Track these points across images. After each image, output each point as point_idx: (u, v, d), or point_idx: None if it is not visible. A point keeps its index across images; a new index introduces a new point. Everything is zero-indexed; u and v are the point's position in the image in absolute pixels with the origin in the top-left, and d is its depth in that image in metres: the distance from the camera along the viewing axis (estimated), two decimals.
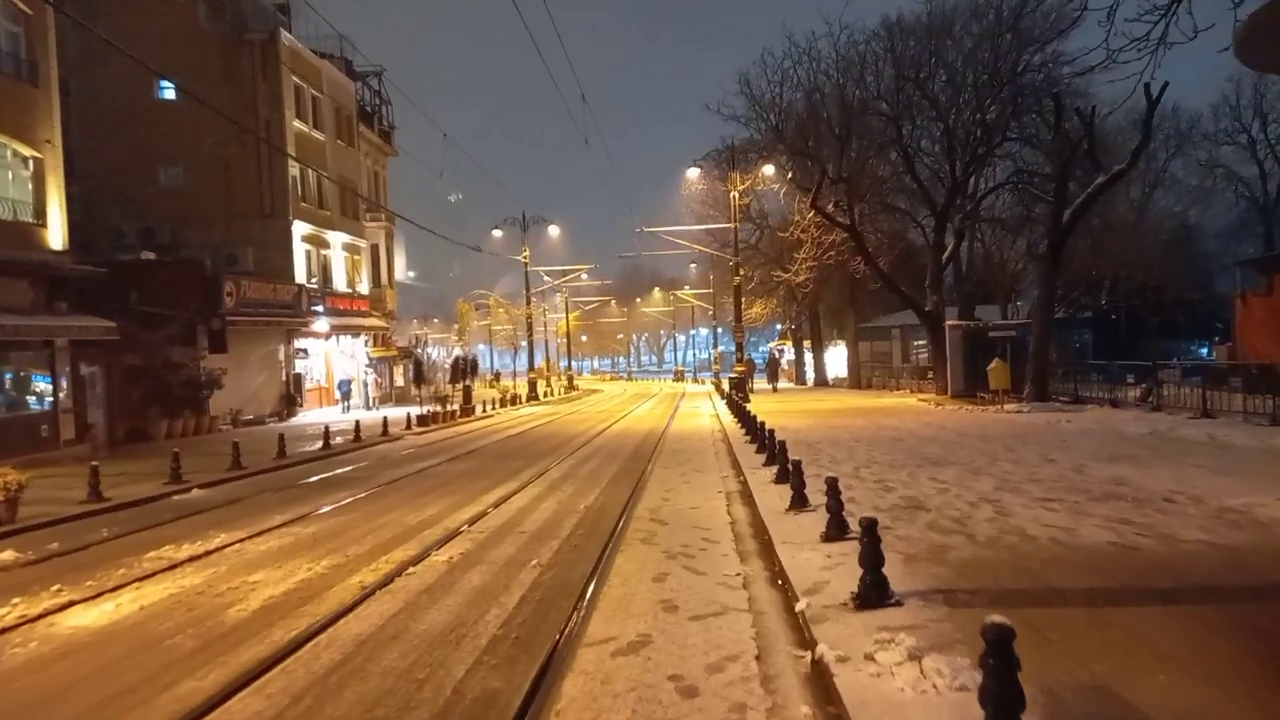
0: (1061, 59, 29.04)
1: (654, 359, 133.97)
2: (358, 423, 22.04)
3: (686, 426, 23.63)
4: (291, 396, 33.96)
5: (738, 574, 6.93)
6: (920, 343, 48.99)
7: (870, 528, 5.63)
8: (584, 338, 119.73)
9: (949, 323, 28.79)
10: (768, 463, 12.97)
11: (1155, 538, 7.14)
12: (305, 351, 35.25)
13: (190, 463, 15.58)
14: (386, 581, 6.99)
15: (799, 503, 9.17)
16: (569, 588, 6.68)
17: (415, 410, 28.07)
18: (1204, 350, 51.31)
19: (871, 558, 5.60)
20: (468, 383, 32.83)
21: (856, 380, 44.48)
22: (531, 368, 45.60)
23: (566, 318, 71.49)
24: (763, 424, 15.47)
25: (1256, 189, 47.07)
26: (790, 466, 9.76)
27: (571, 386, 65.22)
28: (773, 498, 10.00)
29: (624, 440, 20.01)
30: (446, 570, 7.38)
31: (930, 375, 35.20)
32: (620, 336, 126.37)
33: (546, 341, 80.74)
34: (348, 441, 20.95)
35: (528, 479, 13.30)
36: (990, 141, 29.36)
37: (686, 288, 74.59)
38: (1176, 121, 45.47)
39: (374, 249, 44.10)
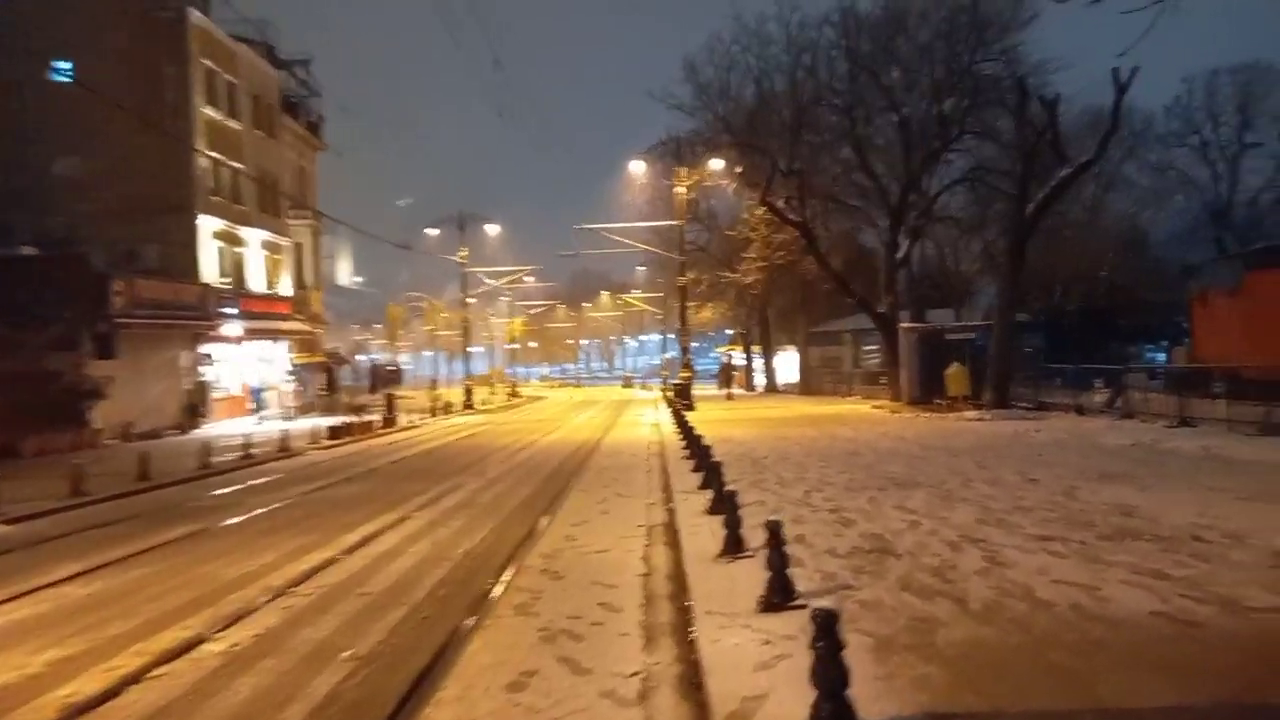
0: (1021, 49, 27.80)
1: (605, 365, 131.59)
2: (246, 439, 19.46)
3: (623, 438, 21.51)
4: (195, 407, 30.99)
5: (635, 673, 4.78)
6: (872, 348, 47.51)
7: (826, 623, 3.54)
8: (533, 344, 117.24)
9: (903, 326, 27.17)
10: (703, 485, 10.90)
11: (1214, 604, 5.19)
12: (211, 357, 32.32)
13: (36, 486, 13.07)
14: (109, 694, 4.71)
15: (733, 546, 7.09)
16: (375, 707, 4.48)
17: (337, 421, 25.48)
18: (1159, 355, 50.91)
19: (828, 673, 3.51)
20: (391, 391, 30.25)
21: (807, 386, 42.82)
22: (468, 375, 43.05)
23: (510, 322, 68.92)
24: (698, 438, 13.39)
25: (1209, 192, 46.64)
26: (725, 497, 7.67)
27: (514, 394, 62.68)
28: (703, 535, 7.92)
29: (550, 455, 17.81)
30: (217, 667, 5.12)
31: (883, 381, 33.62)
32: (570, 342, 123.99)
33: (493, 347, 78.13)
34: (238, 459, 18.42)
35: (416, 507, 11.04)
36: (947, 135, 27.84)
37: (635, 291, 72.61)
38: (1130, 122, 44.78)
39: (298, 248, 41.20)
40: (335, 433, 24.02)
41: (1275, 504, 8.41)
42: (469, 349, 43.63)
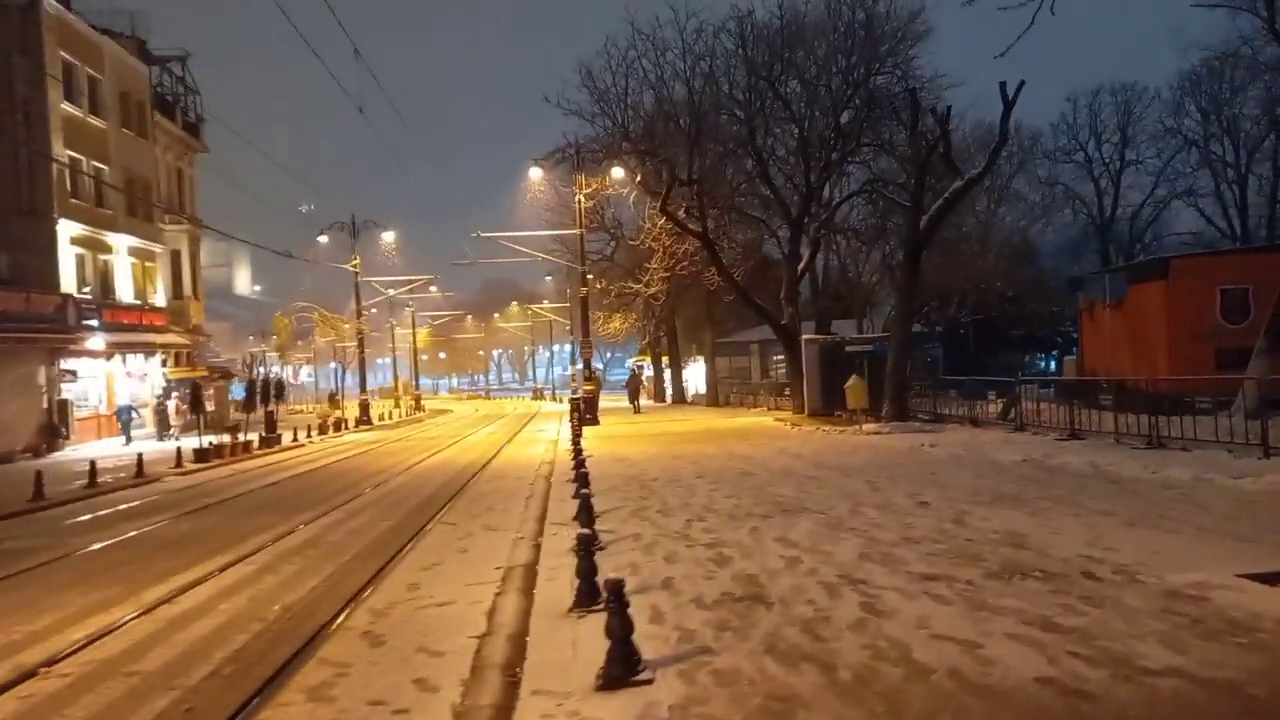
0: (916, 64, 28.08)
1: (516, 376, 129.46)
2: (92, 464, 17.61)
3: (516, 457, 20.46)
4: (54, 427, 28.43)
5: None
6: (780, 358, 47.76)
7: None
8: (442, 355, 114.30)
9: (805, 337, 26.94)
10: (578, 516, 10.01)
11: (1106, 664, 4.57)
12: (75, 374, 29.74)
13: None
14: None
15: (587, 598, 6.20)
16: None
17: (212, 440, 23.52)
18: (1050, 364, 52.61)
19: None
20: (271, 407, 28.37)
21: (715, 397, 42.49)
22: (364, 389, 41.13)
23: (413, 333, 66.76)
24: (580, 462, 12.49)
25: (1094, 206, 48.55)
26: (581, 540, 6.78)
27: (418, 407, 60.60)
28: (562, 580, 7.02)
29: (430, 478, 16.63)
30: None
31: (788, 392, 33.48)
32: (481, 353, 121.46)
33: (395, 359, 75.59)
34: (81, 488, 16.60)
35: (253, 548, 9.79)
36: (845, 147, 27.85)
37: (545, 302, 71.40)
38: (1019, 138, 46.27)
39: (174, 255, 38.61)
40: (202, 455, 22.18)
41: (1162, 530, 8.04)
42: (363, 361, 41.68)
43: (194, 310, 39.71)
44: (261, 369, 69.63)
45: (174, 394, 32.63)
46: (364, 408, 40.33)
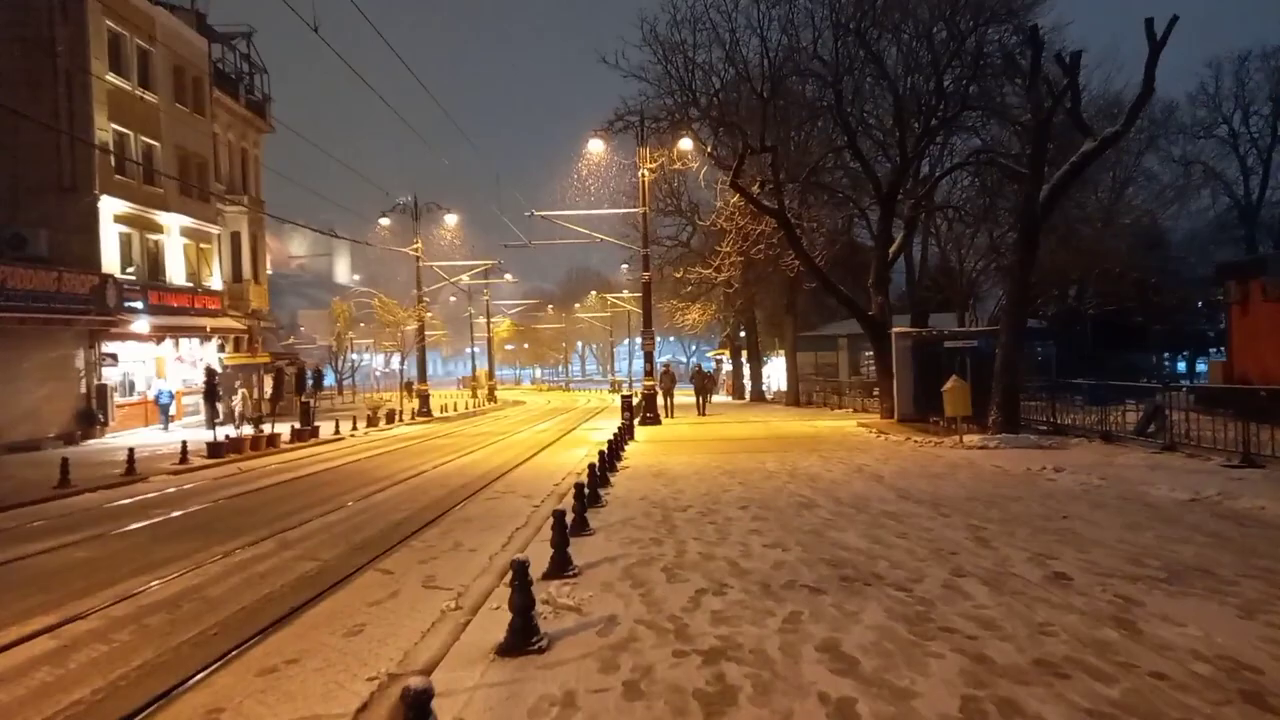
0: (1031, 13, 23.94)
1: (599, 368, 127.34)
2: (64, 461, 15.60)
3: (547, 464, 17.66)
4: (92, 414, 27.26)
5: None
6: (870, 354, 43.64)
7: None
8: (526, 345, 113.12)
9: (895, 330, 23.28)
10: (550, 571, 7.07)
11: None
12: (115, 358, 28.53)
13: None
14: None
15: None
16: None
17: (229, 434, 21.62)
18: (1180, 366, 46.75)
19: None
20: (306, 399, 26.42)
21: (796, 396, 38.88)
22: (422, 378, 39.21)
23: (487, 321, 65.12)
24: (597, 480, 9.47)
25: (1238, 188, 42.56)
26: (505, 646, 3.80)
27: (491, 398, 58.87)
28: (474, 710, 4.05)
29: (427, 490, 13.94)
30: None
31: (876, 393, 29.77)
32: (564, 344, 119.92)
33: (474, 349, 74.34)
34: (54, 488, 14.64)
35: (102, 604, 7.21)
36: (947, 111, 23.90)
37: (624, 292, 68.72)
38: (1149, 111, 40.78)
39: (234, 237, 37.47)
40: (215, 450, 20.21)
41: None
42: (423, 350, 39.73)
43: (254, 294, 38.52)
44: (347, 357, 69.35)
45: (237, 381, 31.22)
46: (423, 399, 38.41)
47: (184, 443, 19.41)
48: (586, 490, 10.63)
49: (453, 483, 14.57)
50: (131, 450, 17.30)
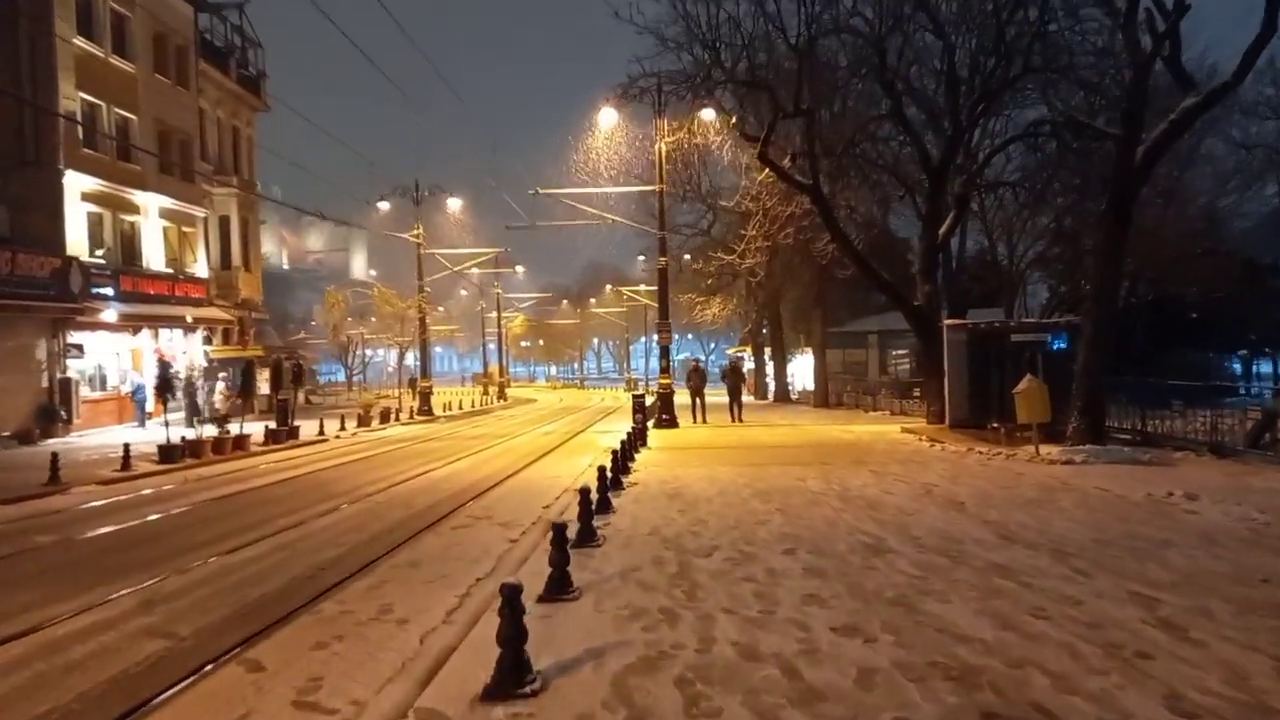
0: None
1: (616, 366, 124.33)
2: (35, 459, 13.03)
3: (543, 475, 14.92)
4: (53, 410, 24.78)
5: None
6: (902, 353, 40.59)
7: None
8: (540, 342, 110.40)
9: (948, 322, 20.32)
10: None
11: None
12: (81, 349, 26.04)
13: None
14: None
15: None
16: None
17: (185, 436, 19.05)
18: (1237, 368, 43.35)
19: None
20: (282, 396, 23.81)
21: (824, 397, 35.94)
22: (424, 374, 36.62)
23: (498, 316, 62.53)
24: (590, 509, 6.72)
25: None
26: None
27: (501, 396, 56.24)
28: None
29: (405, 504, 11.23)
30: None
31: (916, 394, 26.86)
32: (580, 340, 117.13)
33: (485, 345, 71.87)
34: None
35: None
36: (1008, 72, 20.87)
37: (641, 286, 65.93)
38: (1209, 87, 37.31)
39: (223, 221, 35.01)
40: (167, 455, 17.57)
41: None
42: (424, 343, 37.12)
43: (245, 283, 36.06)
44: (356, 351, 67.03)
45: (221, 375, 28.74)
46: (424, 396, 35.81)
47: (126, 445, 16.80)
48: (579, 525, 7.88)
49: (420, 502, 11.81)
50: (55, 455, 14.68)
